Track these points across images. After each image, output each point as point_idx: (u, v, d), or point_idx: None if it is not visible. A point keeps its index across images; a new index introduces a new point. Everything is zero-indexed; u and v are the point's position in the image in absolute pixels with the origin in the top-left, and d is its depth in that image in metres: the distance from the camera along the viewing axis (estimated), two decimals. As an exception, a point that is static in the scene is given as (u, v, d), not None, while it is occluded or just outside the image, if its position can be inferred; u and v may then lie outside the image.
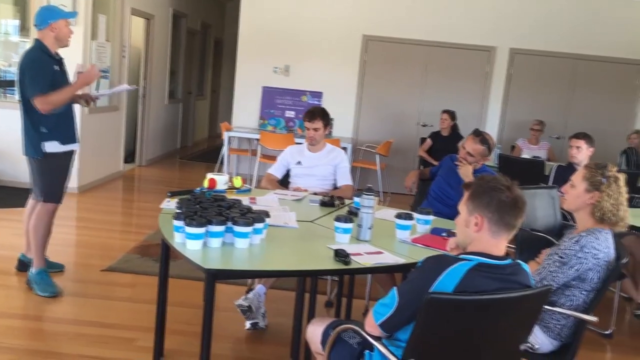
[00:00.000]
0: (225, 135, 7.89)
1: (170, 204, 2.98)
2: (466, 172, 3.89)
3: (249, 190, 3.63)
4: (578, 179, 2.74)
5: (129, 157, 8.69)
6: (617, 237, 2.71)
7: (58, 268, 4.17)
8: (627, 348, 3.87)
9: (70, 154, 3.91)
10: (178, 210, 2.57)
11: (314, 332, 2.33)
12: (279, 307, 3.74)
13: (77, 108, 4.24)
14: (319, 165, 4.15)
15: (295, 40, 8.38)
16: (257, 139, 7.65)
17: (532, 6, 8.16)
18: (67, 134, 3.86)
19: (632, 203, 4.97)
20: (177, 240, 2.42)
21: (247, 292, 3.60)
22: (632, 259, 4.19)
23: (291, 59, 8.43)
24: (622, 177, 2.71)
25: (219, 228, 2.39)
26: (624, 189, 2.70)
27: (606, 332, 3.93)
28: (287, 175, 4.25)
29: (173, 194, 3.19)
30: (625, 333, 4.09)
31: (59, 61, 3.84)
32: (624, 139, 7.26)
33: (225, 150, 7.97)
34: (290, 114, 8.50)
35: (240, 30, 8.47)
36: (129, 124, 8.43)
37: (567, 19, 8.15)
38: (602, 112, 8.30)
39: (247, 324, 3.46)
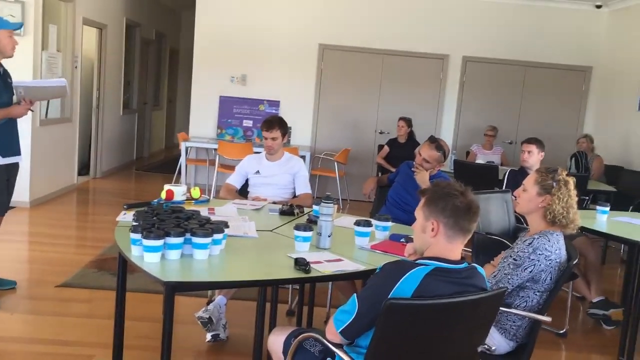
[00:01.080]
0: (183, 146, 7.81)
1: (127, 217, 2.94)
2: (423, 178, 3.95)
3: (207, 201, 3.60)
4: (530, 183, 2.83)
5: (84, 169, 8.49)
6: (568, 238, 2.80)
7: (10, 285, 4.05)
8: (581, 346, 3.99)
9: (13, 166, 3.83)
10: (135, 223, 2.53)
11: (276, 341, 2.33)
12: (240, 318, 3.71)
13: (27, 120, 4.15)
14: (278, 174, 4.15)
15: (252, 49, 8.38)
16: (215, 149, 7.59)
17: (483, 15, 8.37)
18: (8, 147, 3.78)
19: (582, 205, 5.16)
20: (135, 253, 2.38)
21: (208, 303, 3.57)
22: (583, 259, 4.35)
23: (248, 68, 8.42)
24: (571, 181, 2.81)
25: (177, 240, 2.37)
26: (573, 192, 2.79)
27: (560, 332, 4.05)
28: (246, 184, 4.24)
29: (129, 206, 3.14)
30: (578, 331, 4.21)
31: (1, 74, 3.76)
32: (573, 143, 7.50)
33: (182, 160, 7.88)
34: (248, 123, 8.47)
35: (196, 39, 8.42)
36: (83, 135, 8.26)
37: (517, 28, 8.39)
38: (552, 117, 8.56)
39: (208, 336, 3.43)
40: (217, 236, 2.47)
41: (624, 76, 7.80)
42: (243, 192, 4.21)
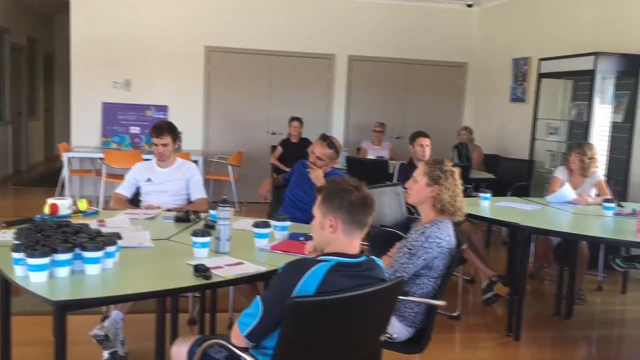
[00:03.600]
0: (65, 156, 7.37)
1: (7, 236, 2.73)
2: (317, 176, 4.01)
3: (96, 213, 3.43)
4: (419, 175, 2.96)
5: (-48, 187, 7.80)
6: (456, 225, 2.96)
7: None
8: (474, 326, 4.23)
9: None
10: (17, 242, 2.36)
11: (179, 352, 2.27)
12: (139, 332, 3.57)
13: None
14: (171, 181, 4.04)
15: (135, 53, 8.08)
16: (101, 158, 7.25)
17: (365, 15, 8.62)
18: None
19: (465, 193, 5.47)
20: (18, 273, 2.22)
21: (103, 320, 3.39)
22: (470, 243, 4.60)
23: (132, 73, 8.12)
24: (457, 171, 2.97)
25: (66, 256, 2.24)
26: (459, 182, 2.96)
27: (454, 314, 4.27)
28: (137, 193, 4.08)
29: (9, 224, 2.92)
30: (470, 313, 4.46)
31: None
32: (455, 134, 7.93)
33: (65, 172, 7.44)
34: (135, 129, 8.16)
35: (73, 44, 7.98)
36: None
37: (397, 27, 8.73)
38: (434, 111, 9.00)
39: (105, 354, 3.26)
40: (109, 249, 2.36)
41: (496, 70, 8.37)
42: (135, 201, 4.05)
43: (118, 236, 2.50)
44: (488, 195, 4.49)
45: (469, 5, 8.81)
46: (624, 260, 4.32)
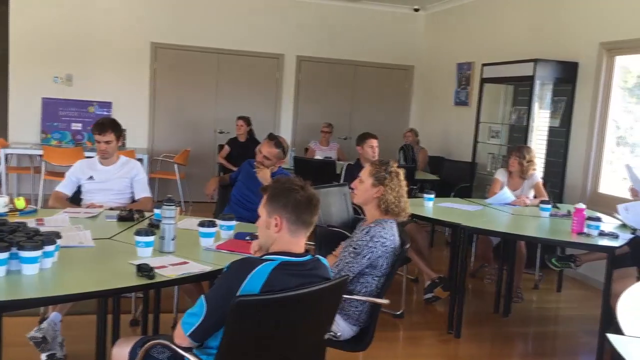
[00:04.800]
0: (1, 153, 7.09)
1: (-62, 235, 2.61)
2: (264, 176, 4.01)
3: (34, 211, 3.33)
4: (365, 175, 3.01)
5: None
6: (400, 225, 3.02)
7: None
8: (416, 324, 4.32)
9: None
10: (-52, 241, 2.26)
11: (120, 353, 2.23)
12: (79, 333, 3.47)
13: None
14: (114, 179, 3.95)
15: (78, 48, 7.85)
16: (40, 155, 7.01)
17: (314, 16, 8.67)
18: None
19: (411, 194, 5.58)
20: (-50, 274, 2.13)
21: (40, 322, 3.29)
22: (414, 244, 4.69)
23: (74, 68, 7.88)
24: (401, 172, 3.04)
25: (1, 255, 2.16)
26: (403, 183, 3.03)
27: (398, 313, 4.35)
28: (78, 192, 3.98)
29: (-60, 223, 2.79)
30: (413, 311, 4.55)
31: None
32: (401, 136, 8.06)
33: (2, 169, 7.16)
34: (77, 126, 7.93)
35: (11, 37, 7.67)
36: None
37: (346, 29, 8.81)
38: (381, 112, 9.13)
39: (43, 357, 3.16)
40: (48, 248, 2.29)
41: (441, 74, 8.56)
42: (76, 199, 3.94)
43: (57, 235, 2.43)
44: (432, 196, 4.60)
45: (416, 10, 8.98)
46: (559, 260, 4.50)
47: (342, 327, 2.75)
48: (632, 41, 5.22)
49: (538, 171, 5.24)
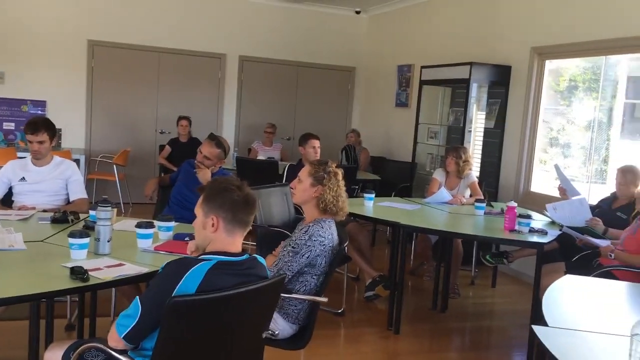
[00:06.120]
0: None
1: None
2: (205, 176, 3.98)
3: (-38, 214, 3.20)
4: (304, 175, 3.04)
5: None
6: (339, 224, 3.07)
7: None
8: (357, 322, 4.38)
9: None
10: None
11: (53, 357, 2.18)
12: (11, 339, 3.37)
13: None
14: (47, 180, 3.84)
15: (10, 44, 7.56)
16: (-30, 156, 6.72)
17: (256, 16, 8.64)
18: None
19: (353, 194, 5.66)
20: None
21: (-31, 329, 3.17)
22: (355, 243, 4.77)
23: (6, 65, 7.59)
24: (340, 172, 3.08)
25: None
26: (342, 183, 3.07)
27: (338, 311, 4.40)
28: (10, 193, 3.84)
29: None
30: (354, 309, 4.62)
31: None
32: (343, 137, 8.15)
33: None
34: (9, 125, 7.64)
35: (-62, 31, 7.34)
36: None
37: (288, 30, 8.83)
38: (324, 113, 9.21)
39: (-28, 365, 3.05)
40: (-25, 252, 2.21)
41: (382, 76, 8.71)
42: (7, 201, 3.81)
43: (-15, 238, 2.35)
44: (372, 195, 4.68)
45: (357, 12, 9.09)
46: (493, 257, 4.67)
47: (281, 326, 2.77)
48: (561, 46, 5.48)
49: (474, 171, 5.42)
